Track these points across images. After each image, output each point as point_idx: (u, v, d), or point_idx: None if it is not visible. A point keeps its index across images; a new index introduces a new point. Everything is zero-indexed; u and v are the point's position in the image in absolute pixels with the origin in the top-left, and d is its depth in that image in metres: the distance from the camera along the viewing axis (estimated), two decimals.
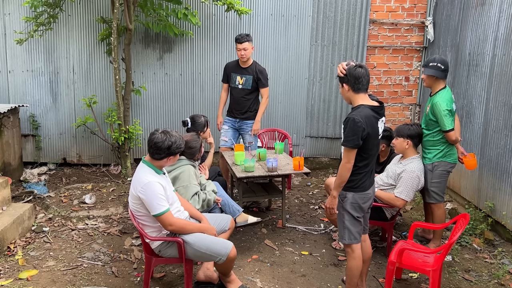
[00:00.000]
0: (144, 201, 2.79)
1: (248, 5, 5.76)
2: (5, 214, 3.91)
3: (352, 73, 2.73)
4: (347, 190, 2.84)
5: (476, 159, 3.84)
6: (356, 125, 2.64)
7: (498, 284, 3.44)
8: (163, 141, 2.80)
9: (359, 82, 2.73)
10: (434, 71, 3.59)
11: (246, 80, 4.80)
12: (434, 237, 3.93)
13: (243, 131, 5.00)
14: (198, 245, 2.88)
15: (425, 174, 3.72)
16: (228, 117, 5.01)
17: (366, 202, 2.90)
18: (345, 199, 2.86)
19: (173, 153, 2.86)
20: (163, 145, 2.80)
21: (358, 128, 2.64)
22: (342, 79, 2.80)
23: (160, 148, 2.81)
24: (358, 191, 2.83)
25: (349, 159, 2.72)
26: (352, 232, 2.90)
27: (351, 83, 2.75)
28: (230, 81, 4.89)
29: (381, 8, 5.97)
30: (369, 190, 2.90)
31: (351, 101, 2.83)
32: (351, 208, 2.86)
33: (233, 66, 4.89)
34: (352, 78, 2.74)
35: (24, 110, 5.79)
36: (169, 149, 2.83)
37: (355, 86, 2.75)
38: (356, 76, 2.72)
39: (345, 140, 2.70)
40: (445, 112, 3.53)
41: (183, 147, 2.96)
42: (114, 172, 5.81)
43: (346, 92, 2.81)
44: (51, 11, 5.30)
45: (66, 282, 3.32)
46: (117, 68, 5.20)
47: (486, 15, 4.53)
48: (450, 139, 3.61)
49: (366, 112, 2.71)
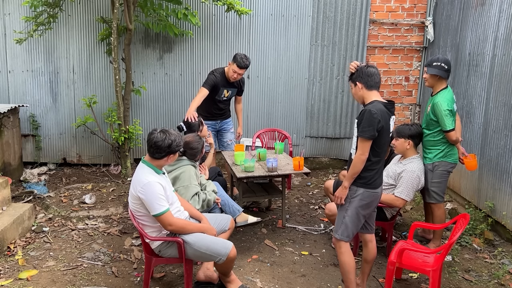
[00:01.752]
0: (144, 201, 2.79)
1: (248, 5, 5.76)
2: (5, 214, 3.91)
3: (365, 71, 2.81)
4: (359, 185, 2.85)
5: (476, 160, 3.84)
6: (372, 116, 2.69)
7: (498, 284, 3.44)
8: (163, 140, 2.80)
9: (372, 80, 2.80)
10: (437, 70, 3.58)
11: (231, 93, 4.82)
12: (434, 237, 3.93)
13: (225, 130, 5.01)
14: (198, 245, 2.88)
15: (425, 174, 3.72)
16: (207, 121, 4.82)
17: (374, 201, 2.91)
18: (356, 194, 2.86)
19: (173, 151, 2.87)
20: (163, 144, 2.80)
21: (374, 120, 2.69)
22: (355, 78, 2.85)
23: (160, 147, 2.81)
24: (369, 187, 2.85)
25: (364, 150, 2.74)
26: (348, 229, 2.91)
27: (364, 80, 2.81)
28: (216, 94, 4.70)
29: (381, 8, 5.97)
30: (378, 189, 2.91)
31: (364, 99, 2.86)
32: (359, 204, 2.86)
33: (221, 80, 4.64)
34: (365, 76, 2.80)
35: (24, 110, 5.79)
36: (169, 148, 2.83)
37: (368, 83, 2.81)
38: (369, 74, 2.80)
39: (362, 131, 2.72)
40: (446, 112, 3.52)
41: (182, 145, 2.96)
42: (114, 172, 5.81)
43: (359, 91, 2.85)
44: (51, 11, 5.30)
45: (66, 282, 3.32)
46: (117, 68, 5.20)
47: (486, 15, 4.53)
48: (451, 139, 3.61)
49: (381, 107, 2.76)
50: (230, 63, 4.55)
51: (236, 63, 4.47)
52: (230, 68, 4.54)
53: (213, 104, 4.79)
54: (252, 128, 6.08)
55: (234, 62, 4.49)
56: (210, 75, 4.63)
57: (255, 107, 6.09)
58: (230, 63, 4.55)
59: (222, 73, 4.66)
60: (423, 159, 3.78)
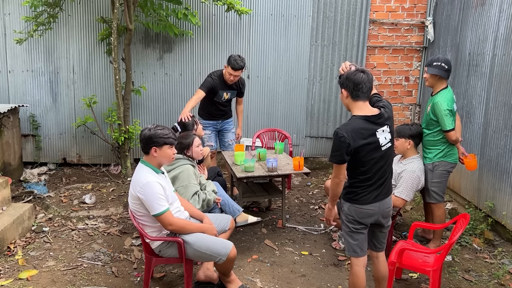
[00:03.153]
0: (144, 201, 2.79)
1: (248, 5, 5.76)
2: (5, 214, 3.91)
3: (352, 78, 2.52)
4: (345, 199, 2.71)
5: (476, 160, 3.83)
6: (339, 140, 2.48)
7: (498, 284, 3.44)
8: (154, 131, 2.83)
9: (358, 89, 2.51)
10: (438, 70, 3.58)
11: (231, 95, 4.81)
12: (434, 237, 3.93)
13: (226, 130, 5.01)
14: (198, 245, 2.88)
15: (425, 174, 3.72)
16: (209, 121, 4.88)
17: (365, 218, 2.65)
18: (342, 208, 2.74)
19: (167, 142, 2.86)
20: (155, 134, 2.82)
21: (341, 144, 2.48)
22: (342, 84, 2.60)
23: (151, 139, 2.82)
24: (354, 203, 2.65)
25: (337, 173, 2.59)
26: (350, 243, 2.71)
27: (349, 89, 2.55)
28: (215, 96, 4.69)
29: (381, 8, 5.97)
30: (369, 206, 2.63)
31: (349, 109, 2.64)
32: (347, 219, 2.70)
33: (220, 83, 4.61)
34: (351, 84, 2.53)
35: (24, 110, 5.79)
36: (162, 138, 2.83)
37: (353, 93, 2.54)
38: (356, 82, 2.51)
39: (331, 155, 2.59)
40: (446, 112, 3.52)
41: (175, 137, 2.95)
42: (114, 172, 5.81)
43: (344, 99, 2.62)
44: (51, 10, 5.30)
45: (66, 282, 3.32)
46: (117, 68, 5.20)
47: (486, 15, 4.53)
48: (451, 139, 3.60)
49: (356, 125, 2.52)
50: (226, 66, 4.53)
51: (230, 65, 4.44)
52: (226, 71, 4.53)
53: (213, 105, 4.79)
54: (252, 128, 6.08)
55: (228, 65, 4.46)
56: (208, 78, 4.62)
57: (255, 107, 6.10)
58: (226, 66, 4.53)
59: (220, 75, 4.63)
60: (423, 159, 3.78)
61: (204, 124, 4.95)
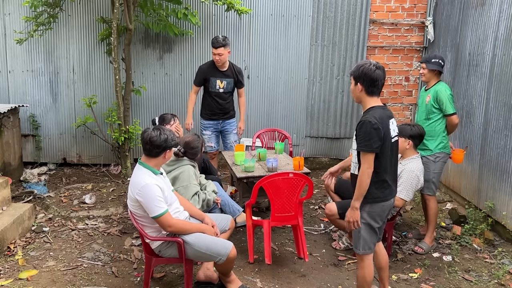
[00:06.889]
0: (142, 203, 2.79)
1: (248, 5, 5.76)
2: (5, 214, 3.91)
3: (370, 75, 2.57)
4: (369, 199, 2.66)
5: (463, 155, 4.02)
6: (372, 128, 2.51)
7: (498, 284, 3.44)
8: (158, 135, 2.81)
9: (374, 85, 2.59)
10: (437, 66, 3.89)
11: (227, 84, 4.77)
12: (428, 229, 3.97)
13: (227, 131, 5.00)
14: (198, 245, 2.88)
15: (427, 166, 3.83)
16: (208, 121, 4.88)
17: (386, 211, 2.74)
18: (363, 207, 2.68)
19: (169, 146, 2.87)
20: (159, 139, 2.80)
21: (374, 130, 2.51)
22: (357, 78, 2.62)
23: (156, 143, 2.81)
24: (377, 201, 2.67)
25: (370, 163, 2.54)
26: (367, 242, 2.73)
27: (366, 84, 2.60)
28: (209, 86, 4.74)
29: (381, 8, 5.97)
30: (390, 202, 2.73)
31: (361, 102, 2.69)
32: (369, 217, 2.69)
33: (210, 70, 4.69)
34: (369, 80, 2.58)
35: (24, 110, 5.79)
36: (165, 142, 2.83)
37: (369, 89, 2.60)
38: (374, 79, 2.57)
39: (364, 145, 2.53)
40: (450, 97, 3.81)
41: (177, 141, 2.95)
42: (114, 172, 5.81)
43: (358, 92, 2.65)
44: (51, 11, 5.30)
45: (66, 282, 3.32)
46: (117, 68, 5.20)
47: (486, 15, 4.53)
48: (454, 122, 3.85)
49: (379, 113, 2.58)
50: None
51: (212, 44, 4.56)
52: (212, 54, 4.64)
53: (211, 98, 4.80)
54: (252, 128, 6.07)
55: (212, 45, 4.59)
56: (198, 70, 4.79)
57: (255, 107, 6.09)
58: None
59: (209, 63, 4.76)
60: (423, 151, 3.88)
61: (205, 125, 4.95)
